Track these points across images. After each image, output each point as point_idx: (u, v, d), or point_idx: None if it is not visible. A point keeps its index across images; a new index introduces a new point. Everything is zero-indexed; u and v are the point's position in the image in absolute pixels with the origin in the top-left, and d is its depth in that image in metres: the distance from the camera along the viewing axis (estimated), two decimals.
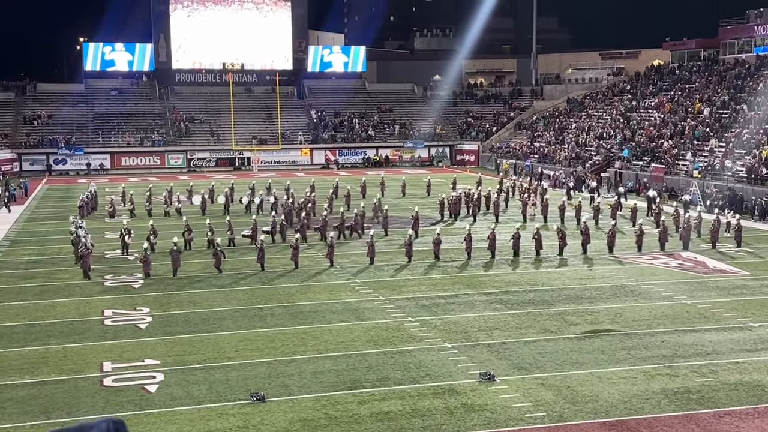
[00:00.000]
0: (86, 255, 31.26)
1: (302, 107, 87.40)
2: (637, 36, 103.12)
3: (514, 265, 32.36)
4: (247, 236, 36.56)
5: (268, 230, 37.51)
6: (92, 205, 47.39)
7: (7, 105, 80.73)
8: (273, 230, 37.74)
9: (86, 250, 31.50)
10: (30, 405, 18.02)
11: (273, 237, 37.35)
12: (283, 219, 39.36)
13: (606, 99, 78.83)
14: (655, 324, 24.08)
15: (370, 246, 32.46)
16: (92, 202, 47.63)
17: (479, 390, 18.71)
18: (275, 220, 39.10)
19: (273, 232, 37.61)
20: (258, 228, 36.72)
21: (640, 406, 17.70)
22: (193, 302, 27.08)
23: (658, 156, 58.49)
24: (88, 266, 31.10)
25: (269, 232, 37.38)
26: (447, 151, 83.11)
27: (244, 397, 18.23)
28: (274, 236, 37.41)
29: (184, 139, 78.92)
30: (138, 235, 35.64)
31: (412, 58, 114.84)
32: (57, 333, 23.61)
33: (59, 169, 73.93)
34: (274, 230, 37.75)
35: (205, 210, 44.88)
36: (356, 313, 25.55)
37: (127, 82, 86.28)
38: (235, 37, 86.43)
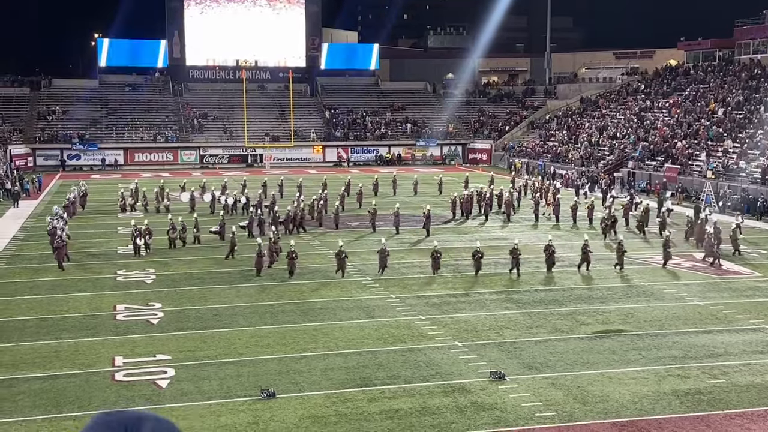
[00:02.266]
0: (61, 247, 31.90)
1: (315, 105, 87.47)
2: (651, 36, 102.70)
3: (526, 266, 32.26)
4: (215, 232, 37.24)
5: (245, 225, 38.28)
6: (81, 203, 46.55)
7: (21, 100, 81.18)
8: (250, 225, 38.32)
9: (61, 242, 32.11)
10: (42, 398, 18.13)
11: (251, 232, 37.78)
12: (260, 213, 39.73)
13: (620, 98, 78.52)
14: (667, 325, 23.98)
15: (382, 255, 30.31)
16: (81, 200, 46.83)
17: (489, 389, 18.69)
18: (252, 214, 39.42)
19: (250, 227, 38.18)
20: (226, 224, 37.24)
21: (651, 407, 17.63)
22: (205, 298, 27.17)
23: (671, 156, 58.22)
24: (62, 258, 31.69)
25: (246, 226, 38.09)
26: (459, 150, 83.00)
27: (255, 393, 18.26)
28: (251, 231, 37.85)
29: (197, 136, 79.16)
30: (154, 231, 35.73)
31: (425, 56, 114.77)
32: (69, 327, 23.72)
33: (73, 165, 74.27)
34: (251, 225, 38.30)
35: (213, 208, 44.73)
36: (367, 310, 25.56)
37: (140, 78, 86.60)
38: (248, 34, 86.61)
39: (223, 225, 37.32)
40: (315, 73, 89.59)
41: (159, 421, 3.38)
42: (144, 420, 3.36)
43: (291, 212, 39.84)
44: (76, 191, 47.74)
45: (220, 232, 37.01)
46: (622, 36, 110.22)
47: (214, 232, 37.25)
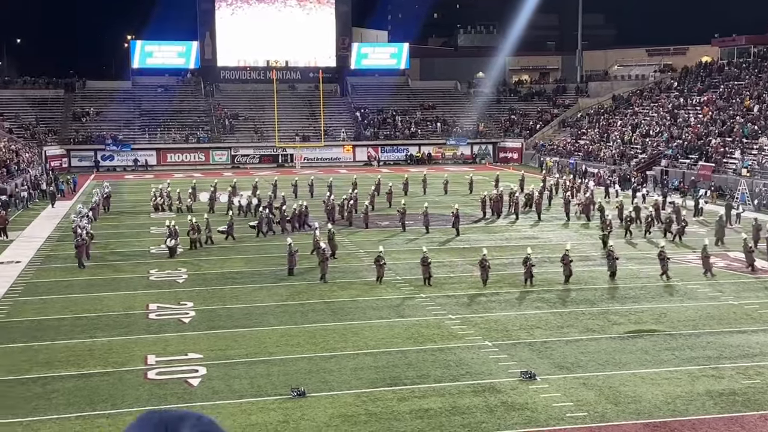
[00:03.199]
0: (81, 245, 32.47)
1: (345, 104, 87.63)
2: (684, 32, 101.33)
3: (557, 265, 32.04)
4: (223, 232, 37.63)
5: (255, 224, 38.89)
6: (104, 205, 46.74)
7: (56, 102, 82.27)
8: (260, 224, 38.78)
9: (81, 241, 32.71)
10: (76, 397, 18.36)
11: (260, 231, 38.38)
12: (270, 213, 40.04)
13: (652, 96, 77.71)
14: (701, 324, 23.71)
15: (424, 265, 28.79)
16: (105, 201, 47.02)
17: (520, 388, 18.60)
18: (262, 214, 39.73)
19: (260, 227, 38.65)
20: (234, 225, 37.94)
21: (684, 408, 17.44)
22: (236, 297, 27.35)
23: (705, 154, 57.51)
24: (82, 256, 32.28)
25: (257, 226, 38.69)
26: (490, 149, 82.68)
27: (285, 392, 18.35)
28: (261, 230, 38.43)
29: (228, 136, 79.69)
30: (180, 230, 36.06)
31: (455, 55, 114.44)
32: (103, 326, 24.01)
33: (107, 165, 75.14)
34: (260, 224, 38.76)
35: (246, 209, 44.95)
36: (397, 310, 25.56)
37: (173, 80, 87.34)
38: (278, 35, 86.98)
39: (231, 225, 37.85)
40: (345, 73, 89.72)
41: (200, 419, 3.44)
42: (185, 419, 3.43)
43: (296, 210, 40.45)
44: (100, 193, 48.23)
45: (228, 231, 37.56)
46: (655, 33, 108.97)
47: (223, 231, 37.66)
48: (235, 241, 37.05)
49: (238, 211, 44.01)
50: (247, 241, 37.48)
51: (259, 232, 38.37)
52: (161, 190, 48.35)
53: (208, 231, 36.37)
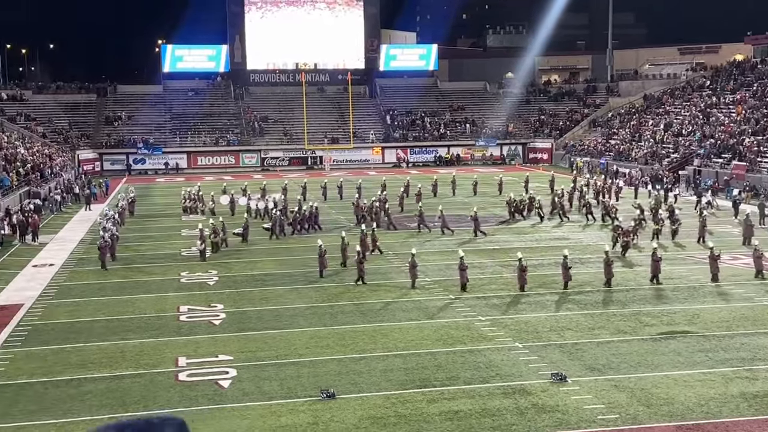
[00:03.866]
0: (104, 247, 33.17)
1: (374, 106, 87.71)
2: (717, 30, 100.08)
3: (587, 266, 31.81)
4: (238, 234, 37.92)
5: (269, 227, 39.29)
6: (130, 209, 46.90)
7: (89, 106, 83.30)
8: (273, 227, 39.10)
9: (104, 243, 33.41)
10: (108, 398, 18.54)
11: (274, 233, 38.72)
12: (282, 215, 40.28)
13: (684, 95, 76.88)
14: (735, 326, 23.38)
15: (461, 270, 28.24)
16: (130, 206, 47.20)
17: (550, 390, 18.47)
18: (275, 216, 39.98)
19: (273, 229, 38.97)
20: (249, 227, 38.38)
21: (718, 410, 17.21)
22: (266, 299, 27.46)
23: (739, 153, 56.75)
24: (105, 257, 32.98)
25: (270, 228, 39.06)
26: (520, 150, 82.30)
27: (315, 394, 18.38)
28: (275, 232, 38.74)
29: (257, 139, 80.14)
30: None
31: (484, 55, 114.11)
32: (135, 328, 24.23)
33: (138, 169, 75.92)
34: (274, 227, 39.08)
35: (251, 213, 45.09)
36: (426, 311, 25.51)
37: (203, 83, 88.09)
38: (307, 38, 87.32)
39: (246, 227, 38.19)
40: (374, 75, 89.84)
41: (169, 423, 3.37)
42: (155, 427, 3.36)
43: (307, 212, 40.87)
44: (125, 198, 48.59)
45: (243, 234, 37.89)
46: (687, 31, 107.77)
47: (237, 234, 37.94)
48: (248, 243, 37.41)
49: (254, 215, 44.39)
50: (268, 243, 37.66)
51: (272, 234, 38.78)
52: (190, 193, 48.66)
53: (224, 234, 36.54)
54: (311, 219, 40.92)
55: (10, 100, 79.65)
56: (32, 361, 21.25)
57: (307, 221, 40.69)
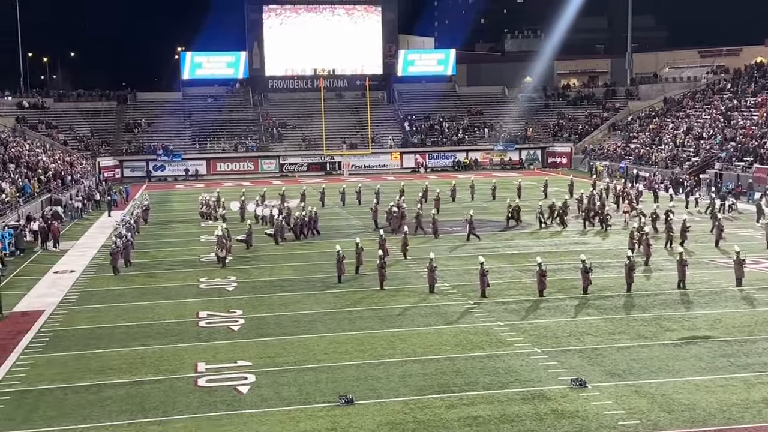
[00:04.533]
0: (115, 252, 33.58)
1: (392, 111, 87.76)
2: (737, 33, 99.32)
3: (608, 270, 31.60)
4: (242, 241, 38.03)
5: (272, 233, 39.63)
6: (144, 217, 46.73)
7: (109, 114, 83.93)
8: (276, 233, 39.42)
9: (116, 248, 33.75)
10: (128, 404, 18.61)
11: (276, 239, 39.06)
12: (283, 221, 40.61)
13: (705, 98, 76.32)
14: (757, 331, 23.14)
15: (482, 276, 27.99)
16: (144, 214, 47.08)
17: (570, 396, 18.34)
18: (278, 222, 40.29)
19: (276, 235, 39.30)
20: (252, 233, 38.55)
21: (740, 416, 17.02)
22: (285, 305, 27.50)
23: (760, 156, 56.22)
24: (116, 262, 33.37)
25: (272, 234, 39.43)
26: (539, 154, 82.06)
27: (333, 399, 18.36)
28: (277, 238, 39.08)
29: (276, 145, 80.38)
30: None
31: (502, 60, 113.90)
32: (154, 334, 24.33)
33: (158, 175, 76.36)
34: (276, 233, 39.40)
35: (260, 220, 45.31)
36: (445, 317, 25.44)
37: (222, 90, 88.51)
38: (326, 43, 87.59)
39: (250, 234, 38.33)
40: (392, 80, 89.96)
41: None
42: None
43: (305, 217, 41.12)
44: (139, 205, 48.72)
45: (247, 240, 38.10)
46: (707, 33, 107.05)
47: (242, 240, 38.00)
48: (253, 249, 37.57)
49: (260, 221, 44.61)
50: (283, 249, 37.73)
51: (276, 240, 39.04)
52: (207, 199, 48.88)
53: (229, 242, 36.49)
54: (311, 224, 41.29)
55: (31, 108, 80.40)
56: (53, 367, 21.38)
57: (307, 226, 41.06)
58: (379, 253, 30.48)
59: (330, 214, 48.83)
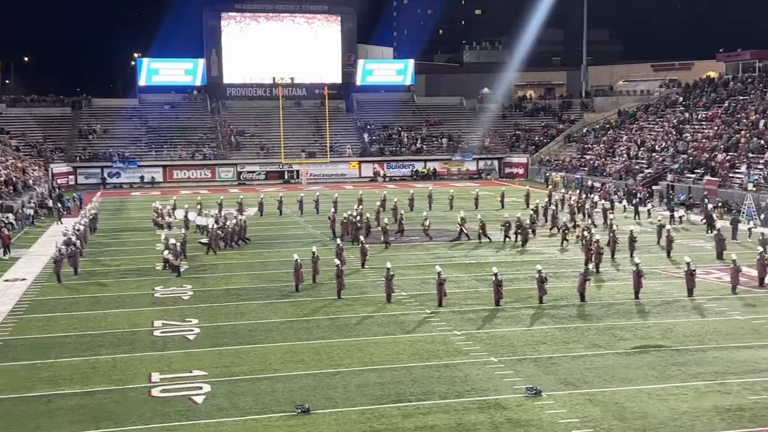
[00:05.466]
0: (59, 260, 33.08)
1: (351, 120, 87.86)
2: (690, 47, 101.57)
3: (563, 280, 31.96)
4: (205, 244, 38.90)
5: (206, 242, 39.72)
6: (92, 226, 45.70)
7: (63, 120, 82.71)
8: (210, 242, 39.34)
9: (59, 256, 33.26)
10: (79, 414, 18.31)
11: (210, 248, 39.00)
12: (219, 230, 40.42)
13: (658, 111, 77.73)
14: (707, 340, 23.57)
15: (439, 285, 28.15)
16: (91, 223, 46.03)
17: (525, 405, 18.49)
18: (212, 231, 40.08)
19: (210, 244, 39.23)
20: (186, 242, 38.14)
21: (691, 424, 17.31)
22: (241, 314, 27.31)
23: (711, 169, 57.36)
24: (60, 270, 32.92)
25: (207, 243, 39.47)
26: (496, 164, 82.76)
27: (290, 409, 18.27)
28: (211, 247, 39.03)
29: (234, 153, 79.92)
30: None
31: (461, 71, 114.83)
32: (107, 343, 23.98)
33: (113, 183, 75.40)
34: (210, 242, 39.32)
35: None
36: (402, 326, 25.49)
37: (179, 97, 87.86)
38: (285, 52, 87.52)
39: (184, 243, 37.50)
40: (351, 89, 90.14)
41: None
42: None
43: (229, 227, 41.02)
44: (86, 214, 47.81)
45: (209, 244, 38.71)
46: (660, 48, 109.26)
47: (204, 243, 38.78)
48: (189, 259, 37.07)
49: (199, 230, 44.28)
50: (240, 257, 37.53)
51: (209, 249, 38.88)
52: (160, 208, 48.30)
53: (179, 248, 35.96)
54: (241, 233, 41.37)
55: None
56: (2, 377, 20.94)
57: (237, 235, 41.05)
58: (336, 262, 30.47)
59: (288, 222, 48.65)
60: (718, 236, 36.66)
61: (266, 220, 50.13)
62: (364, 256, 34.89)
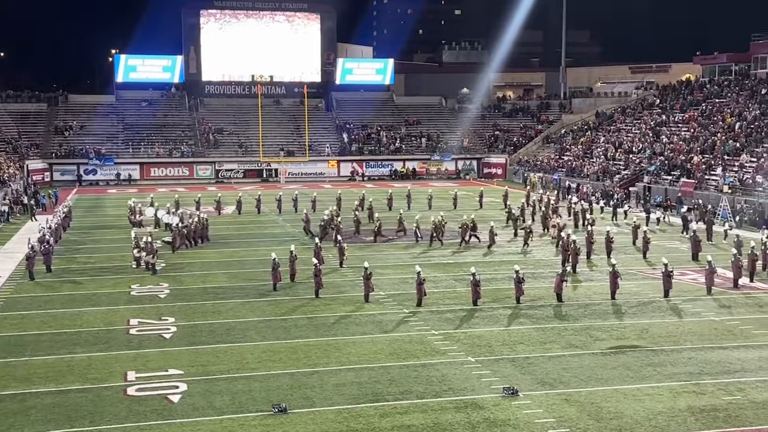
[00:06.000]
0: (32, 257, 32.76)
1: (330, 119, 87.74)
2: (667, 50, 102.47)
3: (540, 280, 32.11)
4: (167, 242, 38.73)
5: (170, 240, 39.64)
6: (64, 225, 45.21)
7: (39, 116, 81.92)
8: (174, 240, 39.29)
9: (32, 253, 32.92)
10: (54, 413, 18.14)
11: (174, 246, 38.84)
12: (184, 229, 40.36)
13: (635, 113, 78.27)
14: (682, 340, 23.77)
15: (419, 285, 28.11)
16: (64, 221, 45.56)
17: (502, 405, 18.56)
18: (175, 230, 40.15)
19: (173, 243, 39.14)
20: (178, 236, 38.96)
21: (666, 424, 17.45)
22: (218, 313, 27.19)
23: (688, 171, 57.84)
24: (32, 267, 32.58)
25: (170, 242, 39.39)
26: (474, 164, 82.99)
27: (266, 409, 18.21)
28: (174, 245, 38.87)
29: (212, 151, 79.53)
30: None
31: (440, 71, 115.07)
32: (83, 342, 23.78)
33: (89, 180, 74.78)
34: (174, 240, 39.28)
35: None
36: (380, 325, 25.49)
37: (157, 94, 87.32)
38: (264, 50, 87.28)
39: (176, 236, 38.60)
40: (330, 88, 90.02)
41: None
42: None
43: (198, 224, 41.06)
44: (60, 212, 47.36)
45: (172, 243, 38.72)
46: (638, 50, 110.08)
47: (167, 242, 38.77)
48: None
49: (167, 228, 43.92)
50: (219, 256, 37.35)
51: (174, 248, 38.70)
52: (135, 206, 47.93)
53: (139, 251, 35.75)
54: (204, 231, 41.28)
55: None
56: None
57: (198, 234, 40.90)
58: (314, 261, 30.41)
59: (266, 221, 48.49)
60: (693, 237, 36.97)
61: (244, 219, 49.96)
62: (342, 255, 34.86)
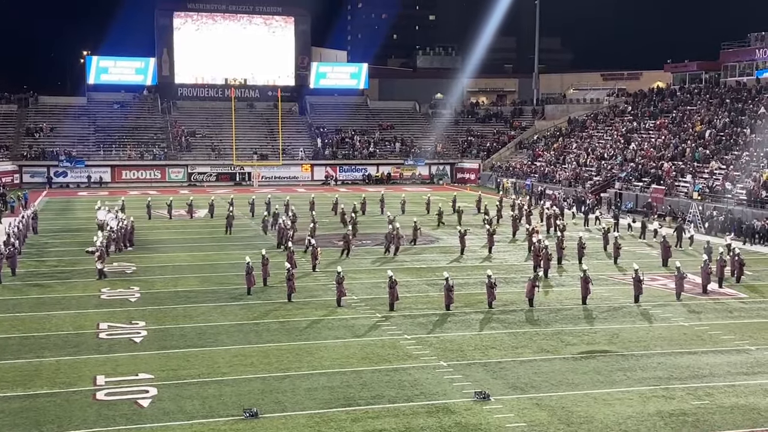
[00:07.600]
0: None
1: (304, 123, 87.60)
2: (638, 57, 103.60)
3: (512, 285, 32.25)
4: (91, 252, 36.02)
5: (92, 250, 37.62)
6: (33, 226, 44.91)
7: (9, 117, 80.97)
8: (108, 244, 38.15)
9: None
10: (21, 418, 17.90)
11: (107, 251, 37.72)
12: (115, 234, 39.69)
13: (607, 120, 78.95)
14: (652, 345, 23.98)
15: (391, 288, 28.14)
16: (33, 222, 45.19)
17: (474, 409, 18.59)
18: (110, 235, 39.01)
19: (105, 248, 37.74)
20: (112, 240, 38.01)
21: (636, 428, 17.57)
22: (189, 316, 27.00)
23: (658, 177, 58.45)
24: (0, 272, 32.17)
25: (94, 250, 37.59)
26: (448, 169, 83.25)
27: (238, 413, 18.10)
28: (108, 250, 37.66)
29: (184, 153, 79.06)
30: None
31: (414, 76, 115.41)
32: (51, 346, 23.50)
33: (60, 182, 74.00)
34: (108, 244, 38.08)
35: None
36: (352, 329, 25.45)
37: (129, 96, 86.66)
38: (239, 53, 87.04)
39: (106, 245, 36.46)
40: (304, 92, 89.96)
41: None
42: None
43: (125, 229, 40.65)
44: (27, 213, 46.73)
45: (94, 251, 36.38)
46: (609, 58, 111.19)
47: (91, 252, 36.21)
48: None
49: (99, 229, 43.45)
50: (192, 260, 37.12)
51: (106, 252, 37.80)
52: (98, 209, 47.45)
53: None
54: (128, 235, 40.84)
55: None
56: None
57: (125, 239, 40.47)
58: (287, 265, 30.32)
59: (238, 225, 48.24)
60: (663, 243, 37.33)
61: (216, 222, 49.66)
62: (314, 259, 34.79)
